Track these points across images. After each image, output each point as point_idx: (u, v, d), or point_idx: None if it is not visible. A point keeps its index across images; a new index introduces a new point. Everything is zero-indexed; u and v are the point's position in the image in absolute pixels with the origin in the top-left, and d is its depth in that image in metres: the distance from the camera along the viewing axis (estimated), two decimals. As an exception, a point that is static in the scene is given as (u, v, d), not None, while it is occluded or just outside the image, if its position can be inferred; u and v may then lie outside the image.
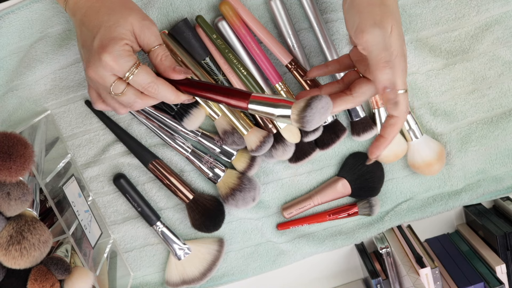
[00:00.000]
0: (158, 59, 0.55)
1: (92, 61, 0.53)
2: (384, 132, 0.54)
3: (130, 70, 0.52)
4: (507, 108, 0.71)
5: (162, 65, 0.55)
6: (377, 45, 0.50)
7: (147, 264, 0.77)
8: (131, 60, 0.52)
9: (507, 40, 0.68)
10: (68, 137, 0.71)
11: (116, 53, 0.51)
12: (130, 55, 0.52)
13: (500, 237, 0.70)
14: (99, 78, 0.53)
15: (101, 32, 0.52)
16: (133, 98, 0.54)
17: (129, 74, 0.52)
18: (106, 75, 0.52)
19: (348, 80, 0.58)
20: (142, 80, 0.53)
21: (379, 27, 0.50)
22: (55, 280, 0.57)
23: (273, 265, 0.77)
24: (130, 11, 0.54)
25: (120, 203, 0.74)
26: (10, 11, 0.65)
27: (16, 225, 0.52)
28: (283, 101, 0.52)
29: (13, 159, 0.51)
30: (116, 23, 0.52)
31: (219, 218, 0.73)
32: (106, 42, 0.51)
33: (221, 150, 0.70)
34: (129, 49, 0.53)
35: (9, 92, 0.68)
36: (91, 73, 0.53)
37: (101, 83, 0.53)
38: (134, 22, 0.53)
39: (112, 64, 0.51)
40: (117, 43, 0.51)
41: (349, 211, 0.74)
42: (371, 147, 0.55)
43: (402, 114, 0.53)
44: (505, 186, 0.74)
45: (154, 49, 0.55)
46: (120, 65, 0.52)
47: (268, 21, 0.68)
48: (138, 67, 0.52)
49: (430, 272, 0.69)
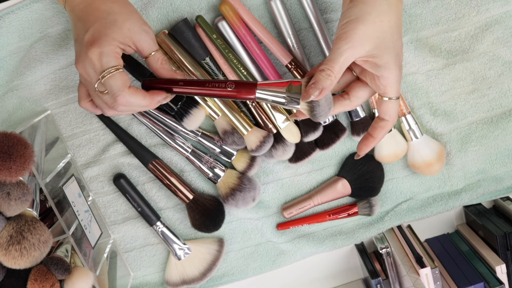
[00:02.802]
0: (159, 63, 0.56)
1: (80, 56, 0.52)
2: (374, 132, 0.56)
3: (107, 70, 0.51)
4: (507, 108, 0.71)
5: (163, 69, 0.56)
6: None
7: (147, 264, 0.77)
8: (113, 62, 0.52)
9: (507, 40, 0.68)
10: (68, 137, 0.71)
11: (104, 50, 0.51)
12: (116, 57, 0.52)
13: (500, 237, 0.70)
14: (85, 73, 0.53)
15: (94, 27, 0.52)
16: (112, 100, 0.53)
17: (106, 73, 0.51)
18: (91, 71, 0.52)
19: (344, 81, 0.58)
20: (114, 85, 0.52)
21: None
22: (55, 280, 0.57)
23: (273, 265, 0.77)
24: (130, 14, 0.54)
25: (120, 203, 0.74)
26: (10, 11, 0.65)
27: (16, 225, 0.52)
28: (291, 83, 0.52)
29: (13, 159, 0.51)
30: (112, 22, 0.52)
31: (219, 218, 0.73)
32: (97, 37, 0.51)
33: (221, 150, 0.70)
34: (117, 52, 0.52)
35: (9, 92, 0.68)
36: (79, 67, 0.53)
37: (88, 79, 0.53)
38: (133, 25, 0.53)
39: (95, 60, 0.51)
40: (108, 41, 0.51)
41: (349, 211, 0.74)
42: (360, 144, 0.58)
43: (393, 119, 0.55)
44: (505, 186, 0.74)
45: (153, 54, 0.56)
46: (101, 63, 0.51)
47: (268, 21, 0.68)
48: (117, 71, 0.52)
49: (430, 272, 0.69)
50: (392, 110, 0.54)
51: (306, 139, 0.69)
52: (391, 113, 0.54)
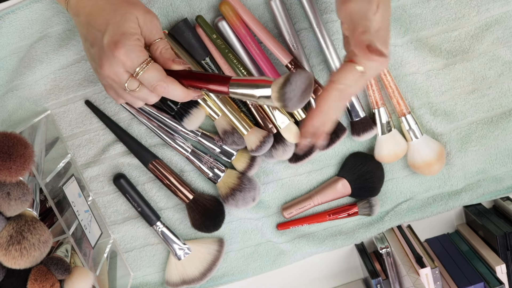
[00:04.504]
0: (158, 51, 0.55)
1: (105, 59, 0.52)
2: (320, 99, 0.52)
3: (140, 66, 0.52)
4: (507, 108, 0.71)
5: (161, 57, 0.55)
6: (359, 14, 0.49)
7: (147, 264, 0.77)
8: (142, 56, 0.52)
9: (507, 40, 0.68)
10: (68, 137, 0.71)
11: (128, 47, 0.51)
12: (141, 50, 0.52)
13: (500, 237, 0.70)
14: (114, 75, 0.53)
15: (109, 29, 0.52)
16: (147, 93, 0.54)
17: (139, 69, 0.52)
18: (120, 71, 0.52)
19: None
20: (151, 77, 0.52)
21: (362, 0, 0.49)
22: (55, 280, 0.57)
23: (273, 265, 0.77)
24: (134, 5, 0.54)
25: (120, 203, 0.74)
26: (10, 11, 0.65)
27: (16, 225, 0.52)
28: (263, 81, 0.50)
29: (13, 159, 0.51)
30: (123, 18, 0.52)
31: (219, 218, 0.73)
32: (117, 38, 0.51)
33: (221, 150, 0.70)
34: (140, 44, 0.53)
35: (9, 92, 0.68)
36: (106, 71, 0.53)
37: (116, 80, 0.53)
38: (138, 15, 0.53)
39: (124, 59, 0.51)
40: (129, 38, 0.51)
41: (349, 211, 0.74)
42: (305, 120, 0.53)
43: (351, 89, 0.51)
44: (505, 186, 0.74)
45: (155, 42, 0.55)
46: (131, 60, 0.51)
47: (268, 21, 0.68)
48: (148, 64, 0.52)
49: (430, 272, 0.69)
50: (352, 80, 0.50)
51: (306, 139, 0.69)
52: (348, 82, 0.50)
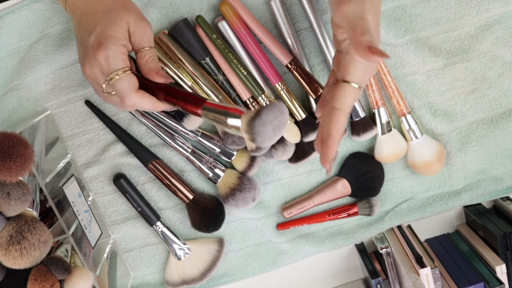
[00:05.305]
0: (144, 60, 0.55)
1: (87, 59, 0.52)
2: (327, 126, 0.50)
3: (116, 72, 0.52)
4: (507, 108, 0.71)
5: (146, 66, 0.55)
6: (355, 15, 0.48)
7: (147, 264, 0.77)
8: (120, 64, 0.52)
9: (507, 40, 0.68)
10: (68, 137, 0.71)
11: (110, 51, 0.51)
12: (122, 57, 0.52)
13: (500, 237, 0.70)
14: (93, 76, 0.53)
15: (97, 30, 0.52)
16: (119, 101, 0.54)
17: (113, 75, 0.52)
18: (97, 73, 0.52)
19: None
20: (121, 87, 0.52)
21: (357, 1, 0.48)
22: (55, 280, 0.57)
23: (273, 265, 0.77)
24: (128, 10, 0.54)
25: (120, 203, 0.74)
26: (10, 11, 0.65)
27: (16, 225, 0.52)
28: (235, 110, 0.48)
29: (13, 159, 0.51)
30: (112, 21, 0.52)
31: (219, 218, 0.73)
32: (102, 40, 0.51)
33: (221, 150, 0.70)
34: (123, 51, 0.52)
35: (9, 92, 0.68)
36: (87, 71, 0.53)
37: (96, 80, 0.53)
38: (130, 20, 0.53)
39: (102, 62, 0.51)
40: (113, 42, 0.51)
41: (349, 211, 0.74)
42: (316, 146, 0.52)
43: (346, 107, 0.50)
44: (505, 186, 0.74)
45: (144, 49, 0.55)
46: (108, 65, 0.51)
47: (268, 21, 0.68)
48: (124, 72, 0.52)
49: (430, 272, 0.69)
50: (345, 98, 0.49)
51: (306, 139, 0.69)
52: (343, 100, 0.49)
